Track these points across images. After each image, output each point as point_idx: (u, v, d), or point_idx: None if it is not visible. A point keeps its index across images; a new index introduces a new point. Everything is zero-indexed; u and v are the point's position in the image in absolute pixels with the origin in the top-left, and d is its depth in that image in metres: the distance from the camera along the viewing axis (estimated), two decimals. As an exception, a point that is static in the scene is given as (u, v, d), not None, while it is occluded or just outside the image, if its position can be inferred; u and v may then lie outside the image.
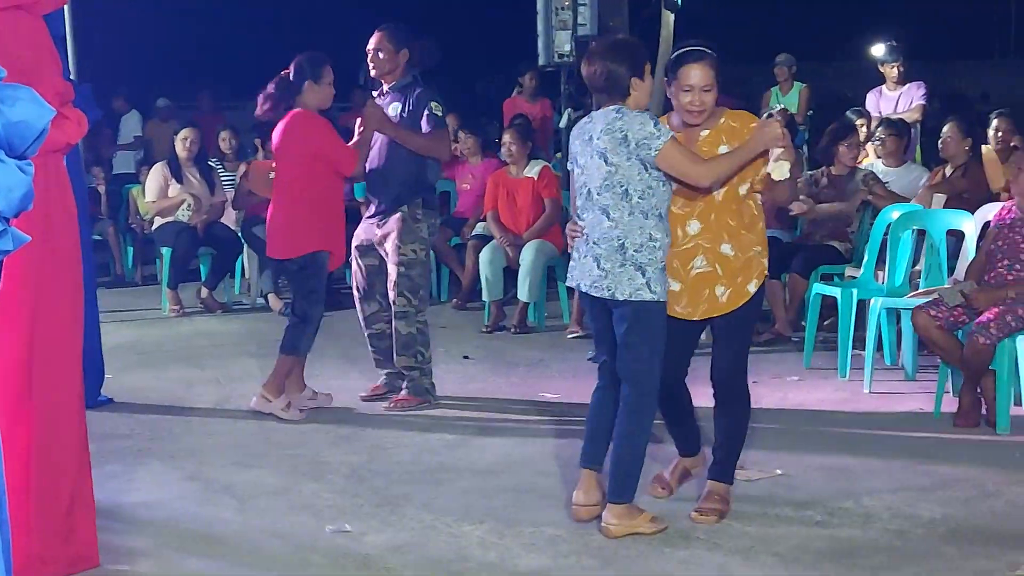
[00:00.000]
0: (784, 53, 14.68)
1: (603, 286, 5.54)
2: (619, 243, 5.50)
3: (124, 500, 6.19)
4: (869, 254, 9.05)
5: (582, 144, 5.63)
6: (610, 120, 5.50)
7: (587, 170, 5.58)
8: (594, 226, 5.56)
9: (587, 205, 5.60)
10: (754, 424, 7.41)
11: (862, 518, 5.84)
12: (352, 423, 7.65)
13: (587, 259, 5.60)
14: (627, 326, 5.54)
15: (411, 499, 6.18)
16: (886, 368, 8.80)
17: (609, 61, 5.52)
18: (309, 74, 7.73)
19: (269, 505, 6.15)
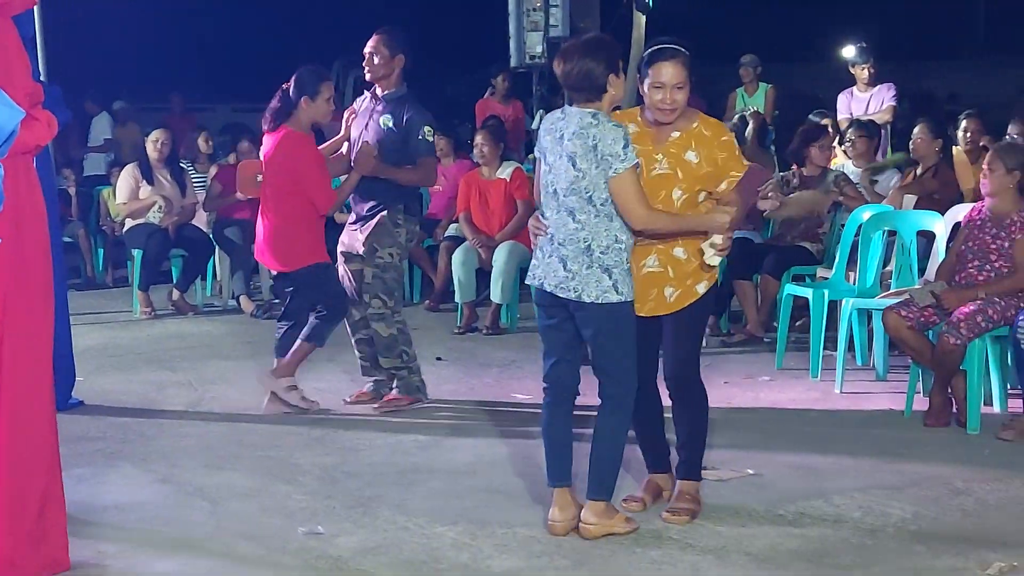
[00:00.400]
0: (749, 54, 14.67)
1: (569, 287, 5.50)
2: (586, 245, 5.47)
3: (95, 503, 6.16)
4: (840, 255, 9.08)
5: (552, 141, 5.56)
6: (584, 124, 5.45)
7: (555, 169, 5.53)
8: (559, 226, 5.53)
9: (552, 204, 5.56)
10: (726, 423, 7.46)
11: (833, 517, 5.85)
12: (325, 425, 7.63)
13: (552, 259, 5.55)
14: (596, 329, 5.52)
15: (384, 500, 6.17)
16: (857, 368, 8.83)
17: (585, 59, 5.47)
18: (307, 90, 7.69)
19: (241, 507, 6.13)
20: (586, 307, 5.49)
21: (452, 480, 6.50)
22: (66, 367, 8.00)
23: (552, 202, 5.56)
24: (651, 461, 6.14)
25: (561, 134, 5.52)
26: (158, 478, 6.62)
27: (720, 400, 8.03)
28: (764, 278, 9.79)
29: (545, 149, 5.61)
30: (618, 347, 5.55)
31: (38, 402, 5.09)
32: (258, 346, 10.09)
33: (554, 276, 5.54)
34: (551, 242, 5.56)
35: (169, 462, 6.91)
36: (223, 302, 12.24)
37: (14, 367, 4.97)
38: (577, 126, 5.46)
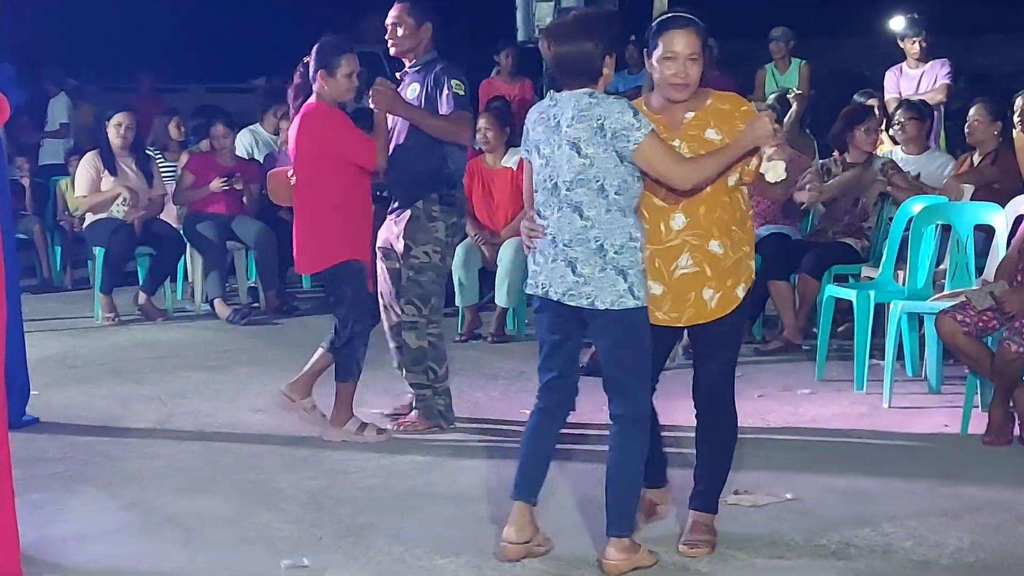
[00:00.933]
0: (780, 27, 14.64)
1: (581, 293, 5.46)
2: (597, 244, 5.43)
3: (52, 533, 6.15)
4: (888, 252, 9.07)
5: (547, 131, 5.51)
6: (583, 106, 5.42)
7: (554, 162, 5.49)
8: (563, 226, 5.48)
9: (552, 201, 5.50)
10: (761, 442, 7.45)
11: (882, 547, 5.84)
12: (310, 444, 7.63)
13: (557, 263, 5.50)
14: (612, 339, 5.50)
15: (377, 529, 6.16)
16: (907, 379, 8.82)
17: (580, 39, 5.43)
18: (321, 64, 7.61)
19: (217, 537, 6.12)
20: (600, 315, 5.46)
21: (454, 506, 6.49)
22: (19, 380, 7.99)
23: (552, 199, 5.51)
24: (647, 474, 6.00)
25: (557, 122, 5.48)
26: (124, 504, 6.61)
27: (754, 415, 8.04)
28: (802, 278, 9.78)
29: (538, 142, 5.56)
30: (635, 359, 5.52)
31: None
32: (235, 356, 10.10)
33: (561, 282, 5.49)
34: (553, 244, 5.51)
35: (136, 486, 6.90)
36: (195, 306, 12.25)
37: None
38: (575, 109, 5.43)
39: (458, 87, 7.65)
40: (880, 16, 22.34)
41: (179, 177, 12.29)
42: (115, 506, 6.59)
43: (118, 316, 11.68)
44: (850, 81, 15.57)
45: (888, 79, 12.88)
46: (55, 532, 6.16)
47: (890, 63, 13.08)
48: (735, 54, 17.79)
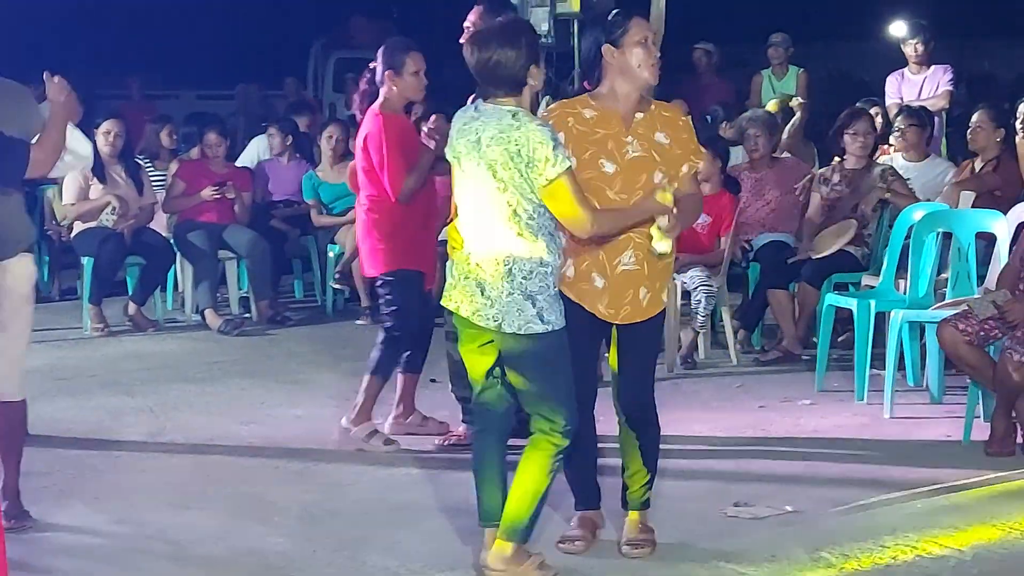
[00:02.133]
0: (780, 33, 14.65)
1: (488, 316, 5.44)
2: (506, 268, 5.40)
3: (41, 548, 6.15)
4: (888, 260, 9.08)
5: (467, 146, 5.47)
6: (504, 127, 5.38)
7: (471, 177, 5.47)
8: (476, 244, 5.48)
9: (468, 218, 5.51)
10: (761, 453, 7.47)
11: (883, 561, 5.85)
12: (304, 457, 7.63)
13: (468, 282, 5.50)
14: (519, 362, 5.50)
15: (372, 543, 6.17)
16: (909, 390, 8.83)
17: (502, 47, 5.42)
18: (388, 64, 7.62)
19: (209, 552, 6.13)
20: (508, 338, 5.46)
21: (449, 520, 6.49)
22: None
23: (469, 216, 5.51)
24: (585, 496, 6.09)
25: (478, 137, 5.43)
26: (114, 519, 6.61)
27: (754, 427, 8.07)
28: (802, 287, 9.79)
29: (460, 154, 5.52)
30: (546, 380, 5.51)
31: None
32: (226, 367, 10.10)
33: (471, 302, 5.49)
34: (466, 261, 5.50)
35: (126, 500, 6.90)
36: (187, 316, 12.23)
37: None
38: (495, 129, 5.39)
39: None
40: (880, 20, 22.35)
41: (169, 185, 12.28)
42: (104, 520, 6.59)
43: (107, 327, 11.67)
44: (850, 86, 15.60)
45: (890, 84, 12.87)
46: (43, 547, 6.17)
47: (890, 68, 13.07)
48: (733, 59, 17.82)
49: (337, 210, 12.28)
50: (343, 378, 9.48)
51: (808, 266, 9.74)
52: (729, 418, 8.28)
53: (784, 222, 10.43)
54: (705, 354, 9.92)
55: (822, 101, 15.71)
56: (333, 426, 8.24)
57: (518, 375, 5.53)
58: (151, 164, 12.78)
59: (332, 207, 12.32)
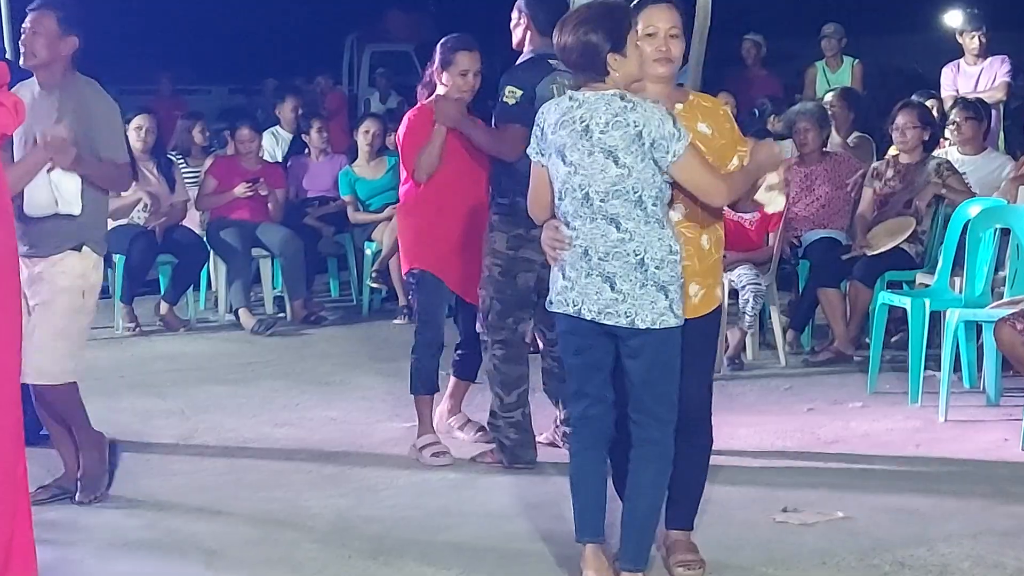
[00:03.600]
0: (832, 24, 14.62)
1: (619, 312, 5.38)
2: (637, 259, 5.36)
3: (71, 553, 6.18)
4: (944, 258, 9.03)
5: (573, 136, 5.40)
6: (617, 110, 5.35)
7: (584, 169, 5.38)
8: (596, 238, 5.40)
9: (584, 212, 5.40)
10: (810, 458, 7.44)
11: (938, 568, 5.82)
12: (338, 461, 7.64)
13: (593, 278, 5.42)
14: (649, 359, 5.43)
15: (407, 549, 6.18)
16: (964, 392, 8.78)
17: (585, 31, 5.37)
18: (438, 60, 7.62)
19: (241, 558, 6.14)
20: (640, 334, 5.40)
21: (487, 525, 6.49)
22: (37, 393, 8.02)
23: (584, 209, 5.41)
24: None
25: (585, 125, 5.38)
26: (144, 524, 6.63)
27: (804, 430, 8.04)
28: (854, 286, 9.75)
29: (563, 146, 5.43)
30: (669, 381, 5.48)
31: (3, 434, 5.10)
32: (260, 368, 10.13)
33: (597, 299, 5.41)
34: (586, 258, 5.43)
35: (157, 504, 6.92)
36: (219, 316, 12.29)
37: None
38: (608, 114, 5.35)
39: (510, 95, 7.35)
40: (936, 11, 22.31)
41: (202, 182, 12.32)
42: (135, 525, 6.61)
43: (139, 326, 11.71)
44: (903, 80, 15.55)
45: (945, 76, 12.83)
46: (73, 551, 6.19)
47: (946, 60, 13.03)
48: (780, 52, 17.77)
49: (374, 206, 12.29)
50: (379, 380, 9.50)
51: (860, 264, 9.69)
52: (777, 421, 8.25)
53: (835, 218, 10.39)
54: (753, 355, 9.90)
55: (875, 95, 15.64)
56: (368, 429, 8.28)
57: (642, 374, 5.44)
58: (183, 161, 12.82)
59: (369, 203, 12.34)
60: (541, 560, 5.98)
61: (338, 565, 6.00)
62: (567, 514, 6.37)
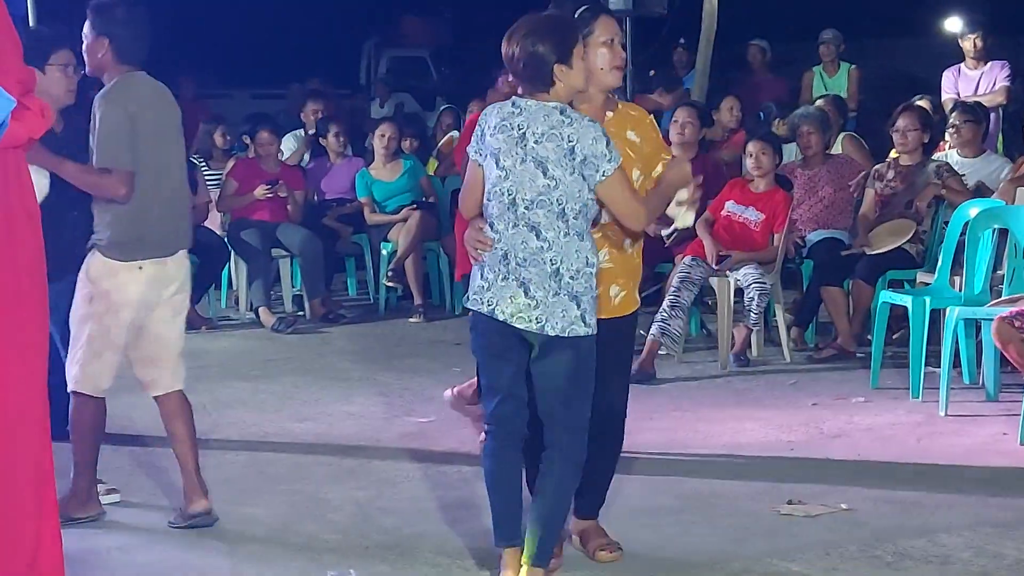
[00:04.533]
0: (831, 29, 14.58)
1: (531, 317, 5.32)
2: (553, 268, 5.31)
3: (97, 545, 6.19)
4: (944, 257, 9.02)
5: (508, 141, 5.32)
6: (555, 123, 5.29)
7: (515, 176, 5.31)
8: (517, 243, 5.33)
9: (508, 216, 5.34)
10: (814, 451, 7.44)
11: (939, 558, 5.81)
12: (357, 454, 7.65)
13: (508, 282, 5.35)
14: (557, 367, 5.38)
15: (424, 540, 6.18)
16: (964, 387, 8.77)
17: (532, 41, 5.30)
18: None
19: (262, 549, 6.15)
20: (549, 341, 5.35)
21: (501, 517, 6.49)
22: (63, 390, 8.01)
23: (508, 214, 5.34)
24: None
25: (522, 133, 5.31)
26: (167, 516, 6.64)
27: (808, 424, 8.03)
28: (856, 284, 9.74)
29: (497, 150, 5.35)
30: (578, 388, 5.42)
31: (30, 430, 5.09)
32: (280, 365, 10.13)
33: (511, 303, 5.35)
34: (504, 261, 5.36)
35: (181, 497, 6.93)
36: (240, 315, 12.29)
37: (3, 389, 4.98)
38: (545, 125, 5.30)
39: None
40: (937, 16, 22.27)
41: (223, 184, 12.34)
42: (160, 517, 6.62)
43: (164, 324, 11.70)
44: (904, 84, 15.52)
45: (946, 80, 12.81)
46: (99, 542, 6.20)
47: (945, 65, 13.01)
48: (785, 56, 17.75)
49: (390, 208, 12.30)
50: (396, 376, 9.52)
51: (863, 263, 9.68)
52: (782, 416, 8.25)
53: (838, 219, 10.38)
54: (758, 352, 9.89)
55: (876, 99, 15.61)
56: (386, 423, 8.29)
57: (551, 380, 5.40)
58: (205, 164, 12.83)
59: (385, 205, 12.34)
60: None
61: (357, 556, 6.00)
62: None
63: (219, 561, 6.00)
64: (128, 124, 6.29)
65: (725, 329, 9.49)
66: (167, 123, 6.50)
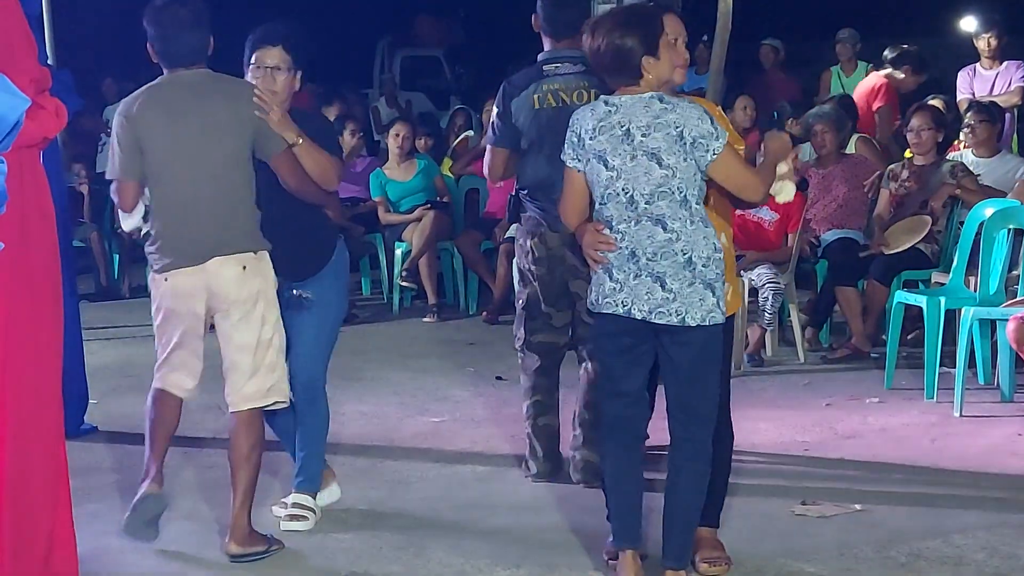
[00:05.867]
0: (847, 29, 14.58)
1: (671, 310, 5.29)
2: (686, 258, 5.30)
3: (110, 544, 6.19)
4: (959, 257, 9.01)
5: (612, 140, 5.32)
6: (657, 112, 5.29)
7: (627, 173, 5.30)
8: (643, 239, 5.31)
9: (628, 214, 5.32)
10: (828, 452, 7.43)
11: (953, 559, 5.80)
12: (370, 454, 7.65)
13: (642, 279, 5.32)
14: (697, 357, 5.37)
15: (437, 540, 6.18)
16: (979, 388, 8.75)
17: (619, 35, 5.31)
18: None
19: (275, 548, 6.15)
20: (690, 331, 5.33)
21: (515, 517, 6.49)
22: (78, 388, 8.05)
23: (629, 212, 5.33)
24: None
25: (626, 129, 5.31)
26: (182, 514, 6.64)
27: (822, 425, 8.02)
28: (871, 284, 9.72)
29: (603, 151, 5.34)
30: (714, 378, 5.44)
31: (45, 428, 5.11)
32: (294, 364, 10.12)
33: (647, 299, 5.32)
34: (633, 259, 5.34)
35: (194, 497, 6.94)
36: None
37: (18, 388, 5.00)
38: (649, 116, 5.30)
39: (488, 115, 7.14)
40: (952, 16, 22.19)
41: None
42: (173, 516, 6.61)
43: (176, 324, 11.69)
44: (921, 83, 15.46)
45: (961, 79, 12.77)
46: (113, 542, 6.20)
47: (960, 64, 12.98)
48: (799, 56, 17.72)
49: (404, 207, 12.30)
50: (409, 375, 9.52)
51: (877, 263, 9.67)
52: (796, 416, 8.24)
53: (852, 218, 10.36)
54: (772, 351, 9.87)
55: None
56: (399, 423, 8.28)
57: (688, 370, 5.38)
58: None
59: (399, 204, 12.34)
60: (568, 551, 5.98)
61: (370, 556, 6.01)
62: (593, 505, 6.39)
63: (230, 561, 6.00)
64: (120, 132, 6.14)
65: (739, 329, 9.48)
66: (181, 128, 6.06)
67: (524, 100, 6.93)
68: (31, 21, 5.24)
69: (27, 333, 5.03)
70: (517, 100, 6.96)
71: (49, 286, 5.14)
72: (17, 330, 5.00)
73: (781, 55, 15.39)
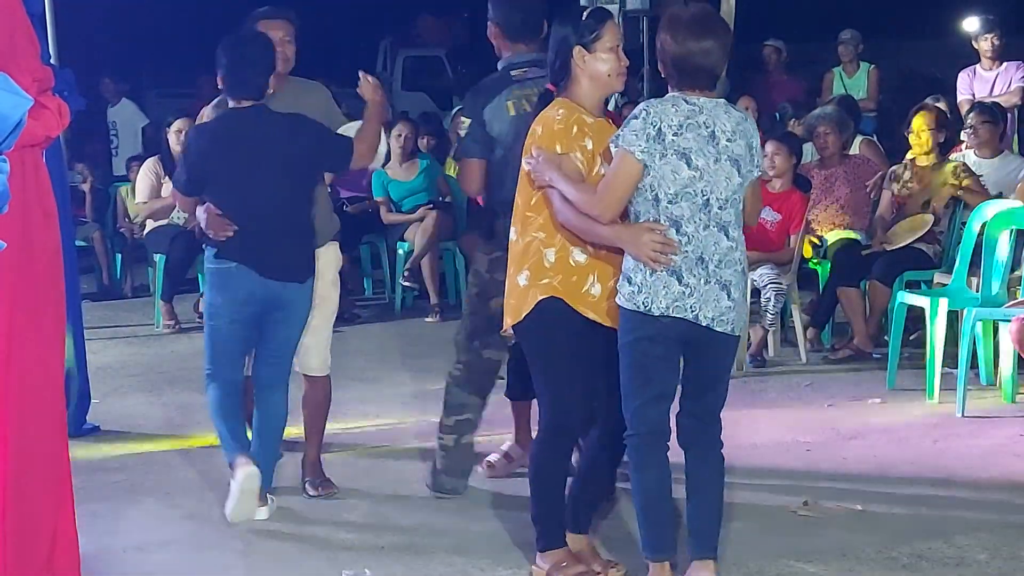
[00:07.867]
0: (849, 30, 14.59)
1: (729, 319, 5.23)
2: (741, 267, 5.26)
3: (112, 543, 6.19)
4: (961, 258, 9.00)
5: (699, 140, 5.14)
6: (738, 119, 5.22)
7: (710, 176, 5.16)
8: (710, 245, 5.18)
9: (699, 217, 5.16)
10: (830, 452, 7.42)
11: (955, 560, 5.80)
12: (373, 454, 7.65)
13: (711, 285, 5.18)
14: (727, 363, 5.42)
15: (440, 539, 6.18)
16: (981, 388, 8.74)
17: (724, 37, 5.21)
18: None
19: (278, 548, 6.16)
20: (729, 340, 5.32)
21: (519, 516, 6.47)
22: (80, 388, 8.05)
23: (701, 215, 5.17)
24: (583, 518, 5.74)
25: (711, 132, 5.16)
26: (184, 514, 6.64)
27: (824, 425, 8.01)
28: (873, 285, 9.71)
29: (688, 149, 5.14)
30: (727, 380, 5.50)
31: (47, 427, 5.11)
32: (296, 364, 10.12)
33: (715, 306, 5.20)
34: (702, 264, 5.18)
35: (197, 496, 6.93)
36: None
37: (21, 387, 4.99)
38: (732, 122, 5.20)
39: (463, 126, 6.77)
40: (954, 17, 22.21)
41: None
42: (175, 516, 6.62)
43: (178, 323, 11.73)
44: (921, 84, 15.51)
45: (961, 80, 12.79)
46: (115, 542, 6.21)
47: (962, 65, 12.99)
48: (802, 57, 17.73)
49: (406, 207, 12.29)
50: (411, 375, 9.51)
51: (879, 264, 9.66)
52: (798, 416, 8.24)
53: (854, 219, 10.35)
54: (774, 352, 9.87)
55: (893, 99, 15.58)
56: (402, 423, 8.27)
57: (719, 375, 5.39)
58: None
59: (401, 204, 12.34)
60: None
61: (372, 555, 6.00)
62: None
63: (234, 561, 6.01)
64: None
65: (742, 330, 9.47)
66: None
67: (498, 107, 6.62)
68: (33, 20, 5.23)
69: (30, 332, 5.02)
70: (490, 107, 6.63)
71: (52, 285, 5.14)
72: (20, 329, 4.99)
73: (783, 56, 15.39)
